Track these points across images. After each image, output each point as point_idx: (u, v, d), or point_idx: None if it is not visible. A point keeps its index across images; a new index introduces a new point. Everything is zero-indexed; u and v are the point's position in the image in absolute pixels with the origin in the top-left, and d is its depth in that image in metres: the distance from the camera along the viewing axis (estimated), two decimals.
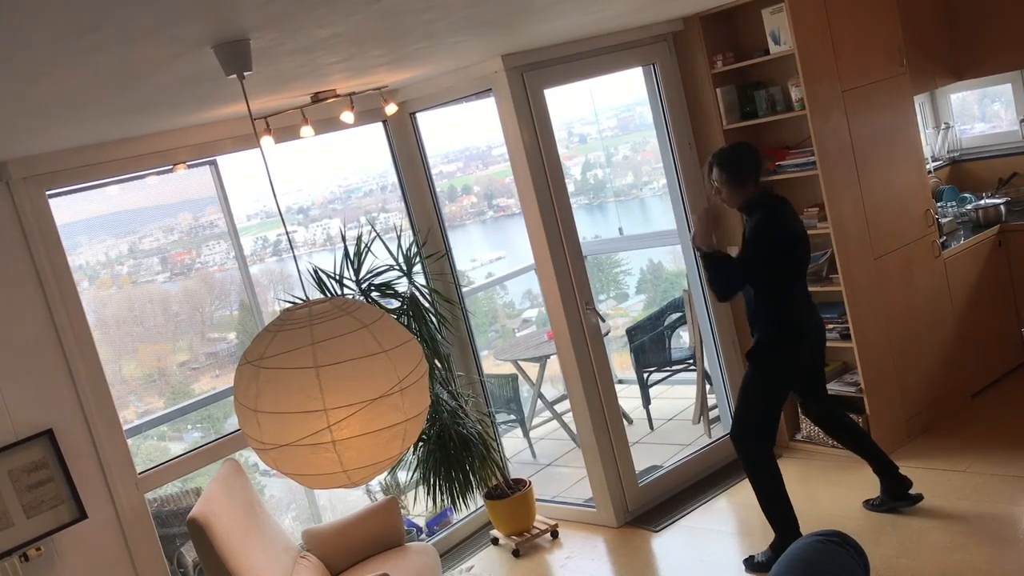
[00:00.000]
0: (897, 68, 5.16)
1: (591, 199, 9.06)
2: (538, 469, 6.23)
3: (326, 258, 5.02)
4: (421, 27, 2.92)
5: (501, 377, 6.42)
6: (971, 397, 5.46)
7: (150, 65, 2.36)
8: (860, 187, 4.96)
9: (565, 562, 4.84)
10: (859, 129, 4.97)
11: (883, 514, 4.42)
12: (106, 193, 4.62)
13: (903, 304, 5.14)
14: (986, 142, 6.35)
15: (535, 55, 4.69)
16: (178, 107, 3.40)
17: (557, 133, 4.87)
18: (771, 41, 4.85)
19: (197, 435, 5.62)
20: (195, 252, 5.81)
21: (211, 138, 4.34)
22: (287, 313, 2.34)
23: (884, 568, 3.98)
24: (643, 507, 5.12)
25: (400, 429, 2.26)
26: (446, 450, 4.82)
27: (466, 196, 9.04)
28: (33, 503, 3.67)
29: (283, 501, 5.88)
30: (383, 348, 2.24)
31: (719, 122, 5.17)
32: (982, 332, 5.52)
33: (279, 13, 2.11)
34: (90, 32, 1.85)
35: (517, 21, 3.45)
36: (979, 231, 5.62)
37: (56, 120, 2.98)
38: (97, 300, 5.31)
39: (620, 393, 5.27)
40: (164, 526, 4.57)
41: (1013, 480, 4.45)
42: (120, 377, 5.26)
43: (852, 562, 2.34)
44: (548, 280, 4.87)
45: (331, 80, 3.70)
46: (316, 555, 4.22)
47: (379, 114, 4.96)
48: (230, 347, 5.78)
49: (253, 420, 2.23)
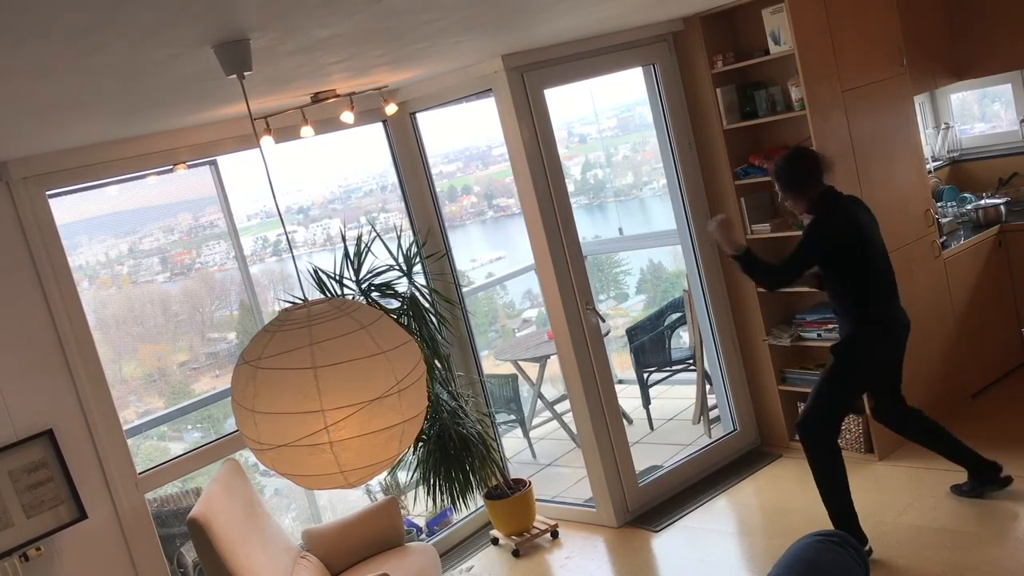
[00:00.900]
0: (897, 68, 5.16)
1: (591, 199, 9.06)
2: (538, 469, 6.23)
3: (326, 258, 5.02)
4: (421, 27, 2.92)
5: (501, 377, 6.42)
6: (971, 397, 5.46)
7: (150, 65, 2.36)
8: (860, 187, 4.96)
9: (565, 562, 4.84)
10: (859, 129, 4.97)
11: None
12: (106, 193, 4.62)
13: (903, 304, 5.12)
14: (986, 142, 6.35)
15: (535, 55, 4.69)
16: (178, 107, 3.40)
17: (557, 133, 4.87)
18: (771, 41, 4.85)
19: (197, 435, 5.62)
20: (195, 252, 5.81)
21: (211, 138, 4.34)
22: (286, 313, 2.34)
23: (884, 568, 3.98)
24: (643, 507, 5.12)
25: (398, 430, 2.26)
26: (446, 450, 4.82)
27: (466, 196, 9.04)
28: (33, 503, 3.68)
29: (283, 501, 5.88)
30: (381, 349, 2.24)
31: (719, 122, 5.17)
32: (982, 332, 5.51)
33: (279, 13, 2.11)
34: (90, 32, 1.85)
35: (517, 21, 3.45)
36: (979, 231, 5.62)
37: (56, 120, 2.98)
38: (97, 300, 5.32)
39: (620, 393, 5.27)
40: (164, 526, 4.58)
41: (1013, 480, 4.44)
42: (120, 377, 5.26)
43: (852, 562, 2.34)
44: (548, 280, 4.87)
45: (331, 80, 3.70)
46: (316, 555, 4.22)
47: (379, 114, 4.96)
48: (230, 347, 5.79)
49: (250, 420, 2.23)
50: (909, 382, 5.15)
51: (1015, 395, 5.40)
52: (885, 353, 4.24)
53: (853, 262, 4.10)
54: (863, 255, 4.11)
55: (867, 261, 4.13)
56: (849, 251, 4.09)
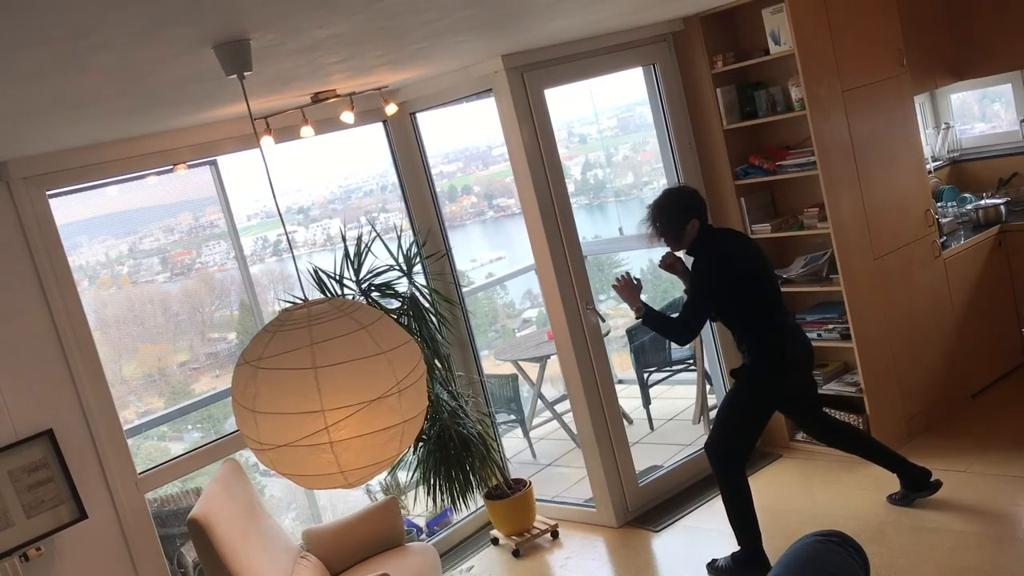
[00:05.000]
0: (897, 68, 5.16)
1: (591, 199, 9.06)
2: (538, 469, 6.23)
3: (326, 258, 5.02)
4: (421, 27, 2.92)
5: (501, 377, 6.42)
6: (971, 397, 5.46)
7: (150, 65, 2.36)
8: (860, 187, 4.96)
9: (565, 562, 4.84)
10: (859, 129, 4.97)
11: (900, 509, 4.42)
12: (106, 193, 4.62)
13: (903, 304, 5.13)
14: (986, 142, 6.35)
15: (535, 55, 4.69)
16: (178, 107, 3.40)
17: (557, 133, 4.87)
18: (771, 41, 4.85)
19: (197, 435, 5.62)
20: (195, 252, 5.81)
21: (211, 138, 4.34)
22: (286, 313, 2.34)
23: (884, 568, 3.98)
24: (643, 507, 5.12)
25: (398, 430, 2.26)
26: (446, 450, 4.82)
27: (466, 196, 9.03)
28: (33, 503, 3.68)
29: (283, 501, 5.88)
30: (381, 349, 2.24)
31: (719, 122, 5.17)
32: (982, 332, 5.51)
33: (279, 13, 2.11)
34: (90, 32, 1.85)
35: (517, 21, 3.45)
36: (979, 231, 5.62)
37: (56, 120, 2.98)
38: (97, 300, 5.32)
39: (620, 393, 5.26)
40: (164, 526, 4.57)
41: (1013, 480, 4.45)
42: (120, 377, 5.26)
43: (852, 562, 2.34)
44: (548, 280, 4.87)
45: (331, 80, 3.70)
46: (316, 555, 4.22)
47: (379, 114, 4.96)
48: (230, 347, 5.78)
49: (251, 420, 2.23)
50: (909, 382, 5.16)
51: (1015, 395, 5.40)
52: (788, 384, 4.25)
53: (748, 296, 4.09)
54: (755, 287, 4.10)
55: (763, 292, 4.12)
56: (741, 286, 4.07)
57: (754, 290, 4.10)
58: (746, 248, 4.19)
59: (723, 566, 4.29)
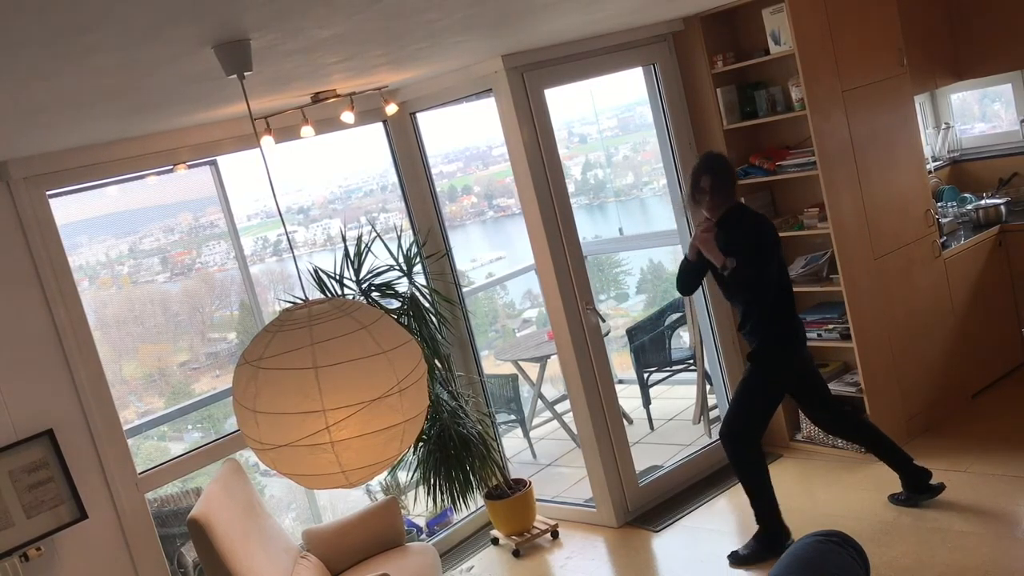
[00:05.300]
0: (897, 68, 5.16)
1: (591, 199, 9.06)
2: (538, 469, 6.23)
3: (326, 258, 5.02)
4: (422, 27, 2.92)
5: (501, 377, 6.42)
6: (971, 397, 5.46)
7: (150, 65, 2.36)
8: (860, 187, 4.96)
9: (565, 562, 4.84)
10: (859, 129, 4.97)
11: (900, 509, 4.43)
12: (106, 193, 4.62)
13: (903, 304, 5.14)
14: (986, 142, 6.35)
15: (535, 55, 4.69)
16: (178, 107, 3.40)
17: (557, 133, 4.87)
18: (771, 41, 4.85)
19: (197, 435, 5.62)
20: (195, 252, 5.81)
21: (211, 138, 4.34)
22: (286, 313, 2.34)
23: (884, 568, 3.98)
24: (643, 507, 5.12)
25: (399, 430, 2.26)
26: (446, 450, 4.82)
27: (466, 196, 9.04)
28: (33, 503, 3.68)
29: (283, 501, 5.88)
30: (382, 349, 2.24)
31: (719, 122, 5.17)
32: (982, 332, 5.51)
33: (279, 13, 2.11)
34: (90, 32, 1.85)
35: (517, 21, 3.45)
36: (979, 231, 5.62)
37: (56, 120, 2.98)
38: (97, 300, 5.32)
39: (620, 393, 5.26)
40: (164, 526, 4.57)
41: (1013, 480, 4.45)
42: (120, 377, 5.26)
43: (852, 562, 2.34)
44: (548, 280, 4.87)
45: (331, 80, 3.70)
46: (316, 555, 4.22)
47: (379, 114, 4.96)
48: (230, 347, 5.79)
49: (252, 420, 2.23)
50: (909, 382, 5.16)
51: (1015, 395, 5.40)
52: (801, 359, 4.32)
53: (781, 266, 4.19)
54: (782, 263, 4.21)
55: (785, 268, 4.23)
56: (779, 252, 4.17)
57: (782, 266, 4.20)
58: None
59: (748, 553, 4.30)
